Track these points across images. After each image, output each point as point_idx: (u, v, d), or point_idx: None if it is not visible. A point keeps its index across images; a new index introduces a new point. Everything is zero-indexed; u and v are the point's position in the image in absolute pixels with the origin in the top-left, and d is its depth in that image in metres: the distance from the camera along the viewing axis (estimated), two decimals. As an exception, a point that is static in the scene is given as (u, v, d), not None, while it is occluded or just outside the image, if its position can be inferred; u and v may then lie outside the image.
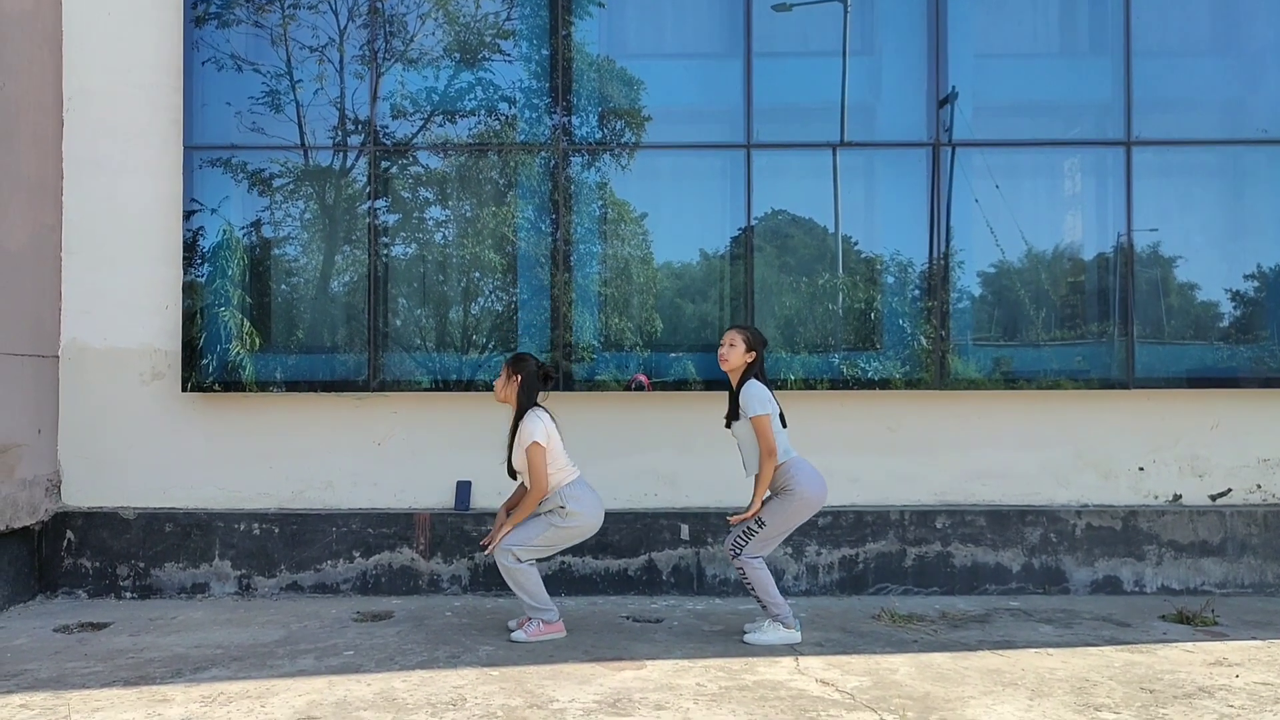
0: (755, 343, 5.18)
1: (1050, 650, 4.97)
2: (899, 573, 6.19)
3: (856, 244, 6.49)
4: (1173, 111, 6.45)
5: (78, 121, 6.36)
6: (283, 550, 6.19)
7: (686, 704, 4.15)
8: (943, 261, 6.29)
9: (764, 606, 5.13)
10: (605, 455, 6.19)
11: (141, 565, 6.18)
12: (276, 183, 6.35)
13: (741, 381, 5.15)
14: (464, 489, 6.29)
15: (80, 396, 6.33)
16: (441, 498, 6.34)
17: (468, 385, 6.24)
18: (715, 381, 6.11)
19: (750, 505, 5.10)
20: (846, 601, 6.04)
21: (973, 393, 6.33)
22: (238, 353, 6.23)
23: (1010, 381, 6.29)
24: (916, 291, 6.34)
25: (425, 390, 6.26)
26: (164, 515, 6.21)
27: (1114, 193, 6.36)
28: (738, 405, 5.14)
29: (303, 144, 6.33)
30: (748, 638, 5.13)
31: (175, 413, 6.33)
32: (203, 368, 6.22)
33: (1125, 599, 6.09)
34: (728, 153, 6.37)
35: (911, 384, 6.26)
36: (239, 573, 6.19)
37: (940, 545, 6.21)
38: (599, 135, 6.36)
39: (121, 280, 6.33)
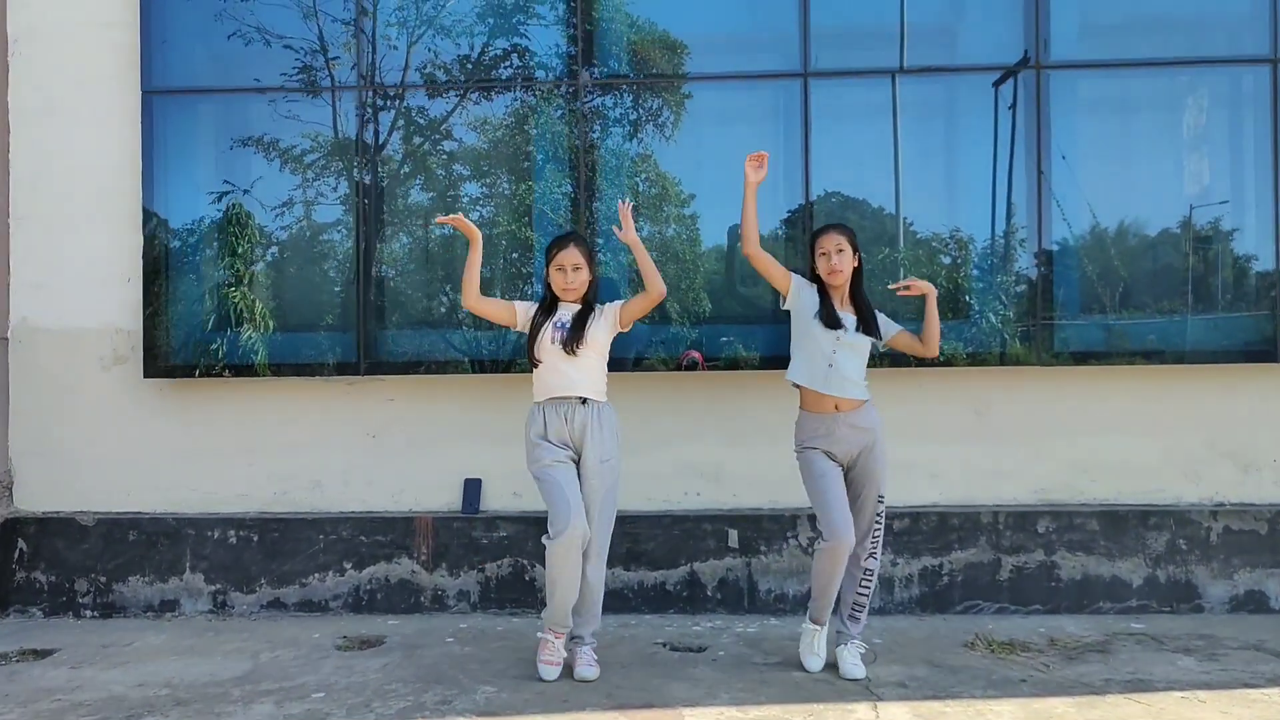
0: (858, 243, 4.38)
1: (1201, 695, 3.89)
2: (992, 588, 5.14)
3: (932, 191, 5.39)
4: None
5: (25, 66, 5.49)
6: (262, 562, 5.30)
7: (734, 779, 3.17)
8: (1039, 213, 5.20)
9: (860, 621, 4.29)
10: (636, 446, 5.15)
11: (103, 580, 5.33)
12: (252, 134, 5.42)
13: (855, 291, 4.33)
14: (473, 488, 5.36)
15: (33, 384, 5.48)
16: (447, 498, 5.40)
17: (479, 366, 5.28)
18: (771, 359, 5.10)
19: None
20: (929, 623, 5.00)
21: (1080, 369, 5.24)
22: (209, 331, 5.34)
23: (1127, 355, 5.18)
24: (1009, 249, 5.25)
25: (426, 373, 5.31)
26: (127, 521, 5.35)
27: (1257, 125, 5.20)
28: (868, 320, 4.30)
29: (298, 86, 5.38)
30: (854, 671, 4.16)
31: (140, 402, 5.45)
32: (168, 350, 5.34)
33: (1274, 620, 4.97)
34: (780, 84, 5.32)
35: (1005, 359, 5.18)
36: (213, 588, 5.31)
37: (1043, 554, 5.14)
38: (626, 70, 5.34)
39: (79, 249, 5.46)
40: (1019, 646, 4.54)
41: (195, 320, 5.35)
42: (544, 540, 4.07)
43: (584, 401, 4.18)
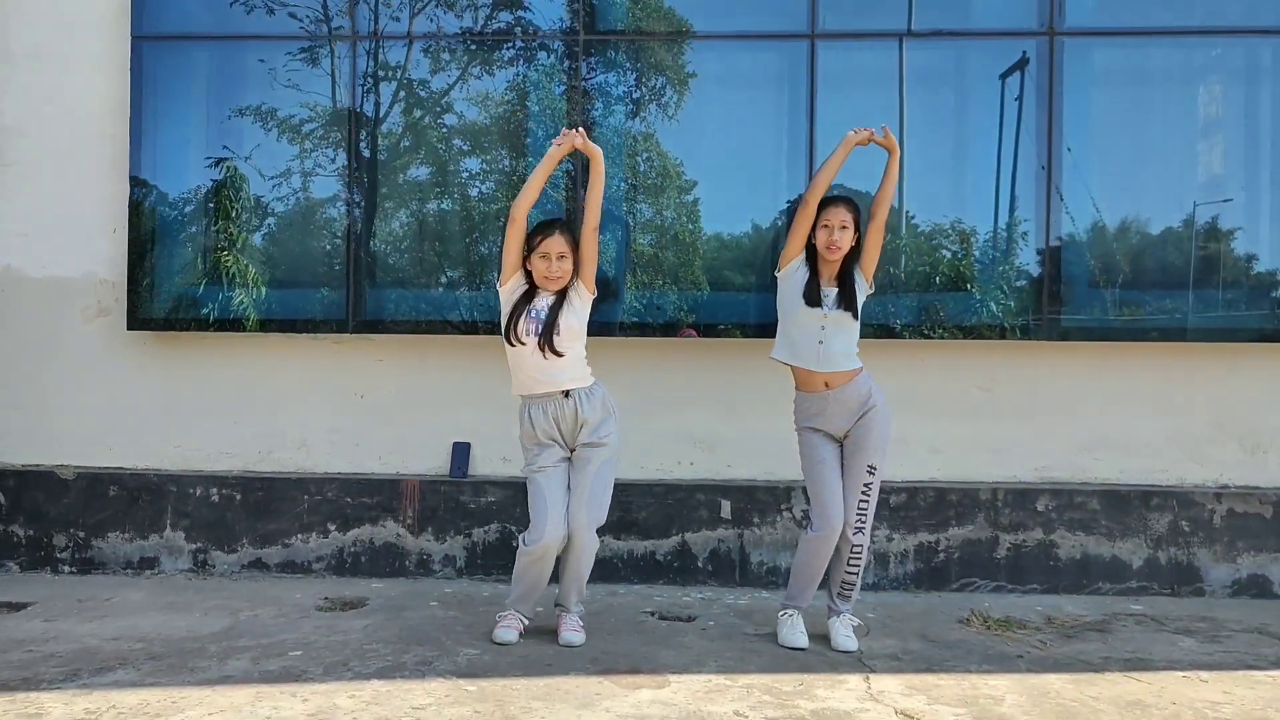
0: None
1: (1203, 675, 3.79)
2: (990, 565, 5.03)
3: (940, 162, 5.26)
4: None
5: (13, 10, 5.35)
6: (245, 521, 5.18)
7: (719, 744, 3.06)
8: (1049, 185, 5.07)
9: (850, 599, 4.15)
10: (630, 414, 5.05)
11: (81, 535, 5.21)
12: (243, 81, 5.29)
13: (844, 267, 4.15)
14: (461, 452, 5.24)
15: (14, 334, 5.36)
16: (434, 462, 5.29)
17: (471, 328, 5.16)
18: (768, 326, 4.97)
19: None
20: (925, 599, 4.89)
21: (1086, 345, 5.13)
22: (195, 284, 5.22)
23: (1135, 333, 5.07)
24: (1017, 219, 5.12)
25: (416, 333, 5.19)
26: (108, 476, 5.24)
27: (1273, 97, 5.08)
28: (850, 293, 4.11)
29: (292, 34, 5.23)
30: (845, 643, 4.03)
31: (123, 356, 5.34)
32: (153, 302, 5.22)
33: (1278, 604, 4.86)
34: (785, 45, 5.18)
35: (1010, 333, 5.06)
36: (194, 546, 5.20)
37: (1042, 532, 5.03)
38: (622, 26, 5.21)
39: (65, 197, 5.33)
40: (1015, 624, 4.44)
41: (181, 272, 5.23)
42: (516, 544, 4.11)
43: (566, 394, 4.05)
